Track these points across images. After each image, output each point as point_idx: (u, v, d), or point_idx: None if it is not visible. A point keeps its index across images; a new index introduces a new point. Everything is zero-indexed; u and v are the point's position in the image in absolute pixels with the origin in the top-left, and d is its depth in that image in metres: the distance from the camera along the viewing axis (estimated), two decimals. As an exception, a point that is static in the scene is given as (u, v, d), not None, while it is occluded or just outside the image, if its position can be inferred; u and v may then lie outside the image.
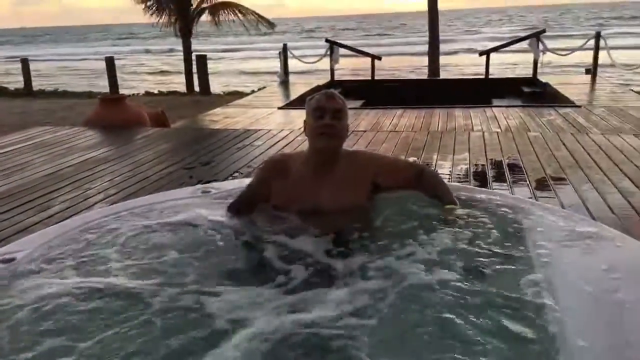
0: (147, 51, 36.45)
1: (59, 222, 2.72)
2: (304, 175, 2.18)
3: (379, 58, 10.76)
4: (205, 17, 13.65)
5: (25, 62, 13.80)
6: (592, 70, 9.50)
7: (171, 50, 30.39)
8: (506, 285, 1.69)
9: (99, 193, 3.29)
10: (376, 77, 10.86)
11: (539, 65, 9.84)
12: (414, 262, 1.85)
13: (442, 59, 13.18)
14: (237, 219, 2.25)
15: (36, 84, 14.65)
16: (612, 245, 1.97)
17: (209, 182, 3.21)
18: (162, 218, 2.36)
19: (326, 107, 2.09)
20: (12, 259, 2.00)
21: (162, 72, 23.75)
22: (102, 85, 14.60)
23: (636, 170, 3.42)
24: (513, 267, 1.80)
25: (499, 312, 1.54)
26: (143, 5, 13.58)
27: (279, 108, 7.65)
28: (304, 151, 2.30)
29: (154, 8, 13.50)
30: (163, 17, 13.45)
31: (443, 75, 12.89)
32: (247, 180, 2.80)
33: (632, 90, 8.39)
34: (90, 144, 4.76)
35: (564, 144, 4.09)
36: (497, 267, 1.80)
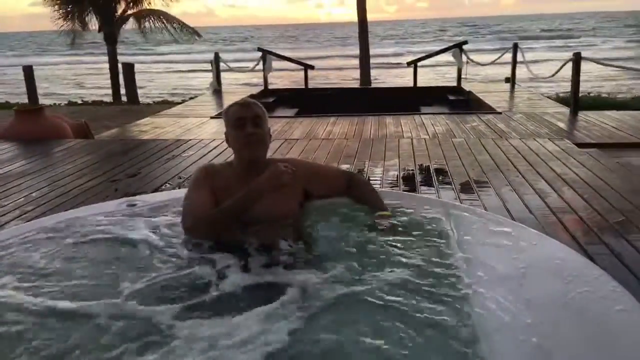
0: (67, 60, 34.72)
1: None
2: (234, 186, 2.14)
3: (312, 67, 10.87)
4: (131, 24, 13.20)
5: None
6: (511, 80, 10.07)
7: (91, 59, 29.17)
8: (434, 284, 1.75)
9: (14, 210, 3.06)
10: (309, 86, 10.95)
11: (462, 74, 10.33)
12: (347, 270, 1.86)
13: (373, 68, 13.51)
14: (166, 232, 2.17)
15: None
16: (529, 243, 2.09)
17: (135, 194, 3.07)
18: (84, 234, 2.25)
19: (246, 115, 2.08)
20: None
21: (85, 81, 22.73)
22: (23, 96, 13.72)
23: (551, 172, 3.64)
24: (441, 268, 1.86)
25: (429, 311, 1.59)
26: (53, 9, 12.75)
27: (212, 117, 7.52)
28: (230, 162, 2.26)
29: (67, 11, 12.72)
30: (76, 23, 12.76)
31: (374, 84, 13.22)
32: (176, 192, 2.72)
33: (547, 97, 8.98)
34: (3, 159, 4.43)
35: (485, 149, 4.29)
36: (426, 268, 1.86)
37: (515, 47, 9.77)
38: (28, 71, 11.67)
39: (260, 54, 10.40)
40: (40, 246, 2.15)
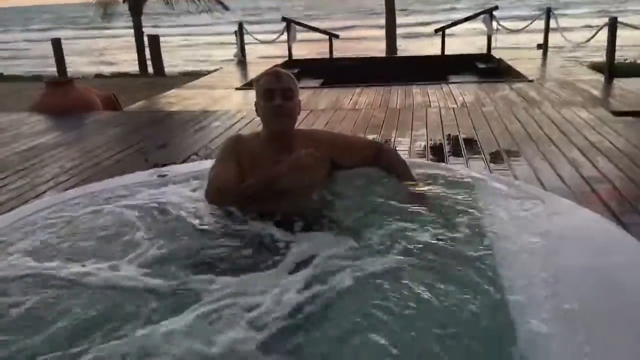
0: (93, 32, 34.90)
1: (8, 211, 2.60)
2: (262, 156, 2.15)
3: (337, 36, 10.71)
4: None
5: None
6: (544, 46, 9.74)
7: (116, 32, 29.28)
8: (463, 255, 1.73)
9: (49, 181, 3.15)
10: (334, 56, 10.81)
11: (492, 42, 10.03)
12: (373, 241, 1.86)
13: (399, 38, 13.24)
14: (197, 203, 2.19)
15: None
16: (562, 213, 2.05)
17: (165, 165, 3.11)
18: (118, 203, 2.29)
19: (275, 87, 2.05)
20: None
21: (112, 53, 22.90)
22: (50, 70, 13.94)
23: (585, 141, 3.54)
24: (470, 239, 1.84)
25: (457, 282, 1.57)
26: None
27: (237, 89, 7.52)
28: (258, 132, 2.26)
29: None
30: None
31: (400, 52, 12.96)
32: (204, 163, 2.74)
33: (581, 64, 8.67)
34: (37, 131, 4.54)
35: (516, 118, 4.18)
36: (455, 239, 1.84)
37: (548, 13, 9.41)
38: (56, 44, 11.80)
39: (284, 24, 10.28)
40: (74, 216, 2.20)
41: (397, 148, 3.42)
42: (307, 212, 2.08)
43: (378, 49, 13.20)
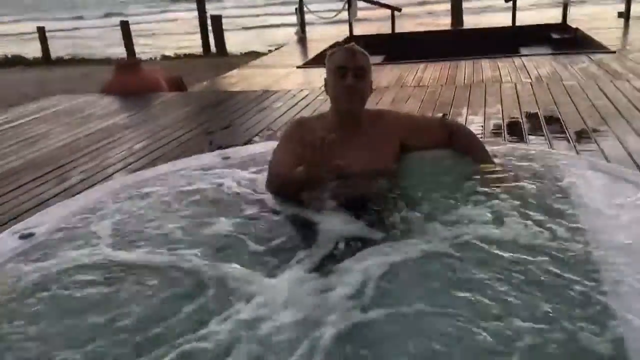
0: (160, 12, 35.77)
1: (78, 193, 2.67)
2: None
3: (399, 10, 10.35)
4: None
5: (41, 30, 13.71)
6: (625, 14, 8.96)
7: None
8: (548, 246, 1.58)
9: (119, 162, 3.22)
10: (397, 30, 10.47)
11: (568, 8, 9.35)
12: (446, 227, 1.75)
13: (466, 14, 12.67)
14: (257, 188, 2.16)
15: (52, 50, 14.58)
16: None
17: (228, 146, 3.10)
18: (184, 186, 2.31)
19: (348, 65, 1.95)
20: (31, 234, 1.98)
21: (175, 34, 23.43)
22: (119, 52, 14.46)
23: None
24: (556, 229, 1.68)
25: (541, 274, 1.45)
26: None
27: (298, 67, 7.45)
28: (325, 113, 2.17)
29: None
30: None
31: (467, 24, 12.35)
32: (267, 144, 2.70)
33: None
34: (108, 112, 4.68)
35: (603, 92, 3.82)
36: (539, 229, 1.69)
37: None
38: (125, 27, 12.20)
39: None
40: (141, 198, 2.24)
41: (470, 128, 3.22)
42: (374, 198, 1.99)
43: (443, 23, 12.65)
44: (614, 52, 6.34)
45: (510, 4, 9.76)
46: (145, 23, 27.07)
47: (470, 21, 12.32)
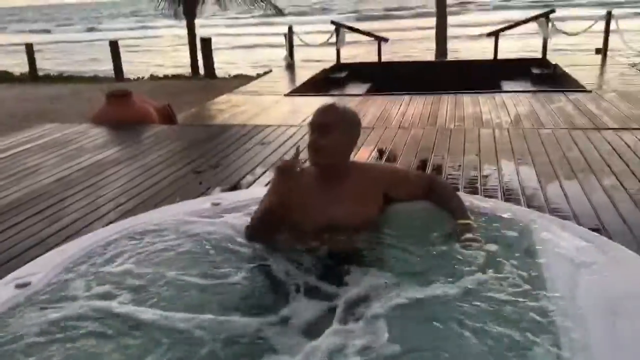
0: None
1: (73, 234, 2.76)
2: (315, 189, 2.17)
3: (386, 40, 10.63)
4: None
5: (29, 47, 13.71)
6: (603, 51, 9.33)
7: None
8: (515, 303, 1.71)
9: (110, 201, 3.30)
10: (383, 60, 10.73)
11: (549, 44, 9.70)
12: (422, 281, 1.88)
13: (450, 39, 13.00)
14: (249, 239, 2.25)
15: (41, 67, 14.59)
16: (629, 268, 1.96)
17: (218, 186, 3.20)
18: (172, 235, 2.37)
19: (313, 122, 2.06)
20: (27, 284, 2.03)
21: (164, 53, 23.49)
22: (105, 68, 14.47)
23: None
24: (523, 287, 1.82)
25: (507, 333, 1.57)
26: None
27: (286, 95, 7.61)
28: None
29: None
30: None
31: (451, 54, 12.70)
32: (257, 191, 2.80)
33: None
34: (99, 144, 4.76)
35: (575, 143, 4.00)
36: (507, 286, 1.83)
37: (608, 16, 9.00)
38: (114, 47, 12.27)
39: (333, 27, 10.30)
40: (133, 248, 2.28)
41: (448, 177, 3.38)
42: (357, 249, 2.10)
43: (428, 47, 12.96)
44: (590, 91, 6.62)
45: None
46: (130, 39, 27.06)
47: (451, 45, 12.62)
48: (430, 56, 12.60)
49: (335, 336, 1.59)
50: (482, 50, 13.14)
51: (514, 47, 14.65)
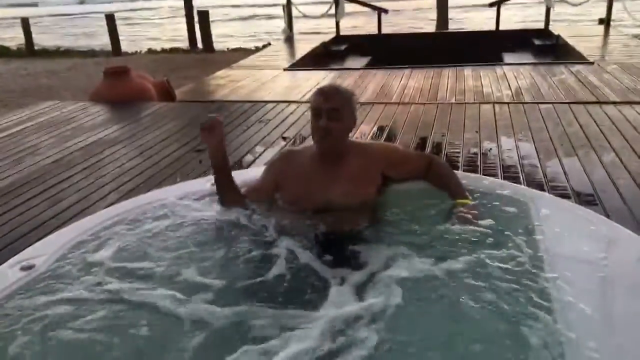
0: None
1: (74, 216, 2.78)
2: (314, 170, 2.18)
3: (386, 11, 10.44)
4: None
5: (25, 21, 13.50)
6: (606, 21, 9.17)
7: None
8: (513, 281, 1.73)
9: (111, 181, 3.31)
10: (383, 31, 10.57)
11: (551, 13, 9.53)
12: (420, 260, 1.89)
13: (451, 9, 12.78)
14: (250, 216, 2.25)
15: (36, 41, 14.40)
16: (625, 246, 1.97)
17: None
18: (173, 216, 2.38)
19: (322, 107, 2.03)
20: (32, 266, 2.06)
21: (160, 25, 23.14)
22: (101, 43, 14.28)
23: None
24: (522, 265, 1.84)
25: (504, 311, 1.61)
26: None
27: (285, 69, 7.52)
28: (312, 145, 2.26)
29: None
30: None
31: (452, 25, 12.51)
32: (254, 171, 2.81)
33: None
34: (97, 123, 4.74)
35: (576, 119, 3.99)
36: (505, 264, 1.85)
37: (613, -16, 8.83)
38: (110, 20, 12.09)
39: (333, -2, 10.10)
40: (136, 229, 2.29)
41: (447, 154, 3.38)
42: (355, 230, 2.12)
43: (429, 19, 12.77)
44: (592, 63, 6.54)
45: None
46: (123, 11, 26.57)
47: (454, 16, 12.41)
48: (431, 27, 12.40)
49: (332, 315, 1.62)
50: (484, 21, 12.91)
51: (516, 17, 14.40)
